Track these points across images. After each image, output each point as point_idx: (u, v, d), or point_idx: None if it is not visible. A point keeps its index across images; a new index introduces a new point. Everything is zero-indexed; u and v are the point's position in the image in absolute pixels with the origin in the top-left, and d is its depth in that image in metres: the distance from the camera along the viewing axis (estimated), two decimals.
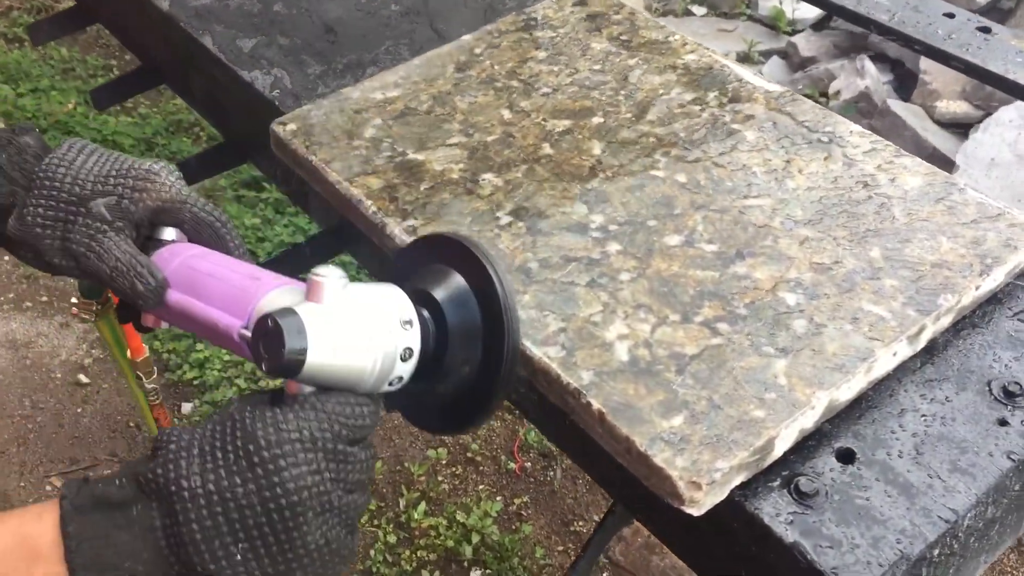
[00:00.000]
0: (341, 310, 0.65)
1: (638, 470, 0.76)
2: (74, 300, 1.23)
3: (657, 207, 0.94)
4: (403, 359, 0.68)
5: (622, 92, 1.08)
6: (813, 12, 3.48)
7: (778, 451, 0.76)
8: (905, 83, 3.12)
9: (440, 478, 2.54)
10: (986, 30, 1.25)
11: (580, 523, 2.42)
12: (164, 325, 0.83)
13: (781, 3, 3.52)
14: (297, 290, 0.69)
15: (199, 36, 1.26)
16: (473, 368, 0.71)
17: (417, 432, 2.65)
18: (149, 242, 0.82)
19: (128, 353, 1.28)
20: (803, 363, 0.79)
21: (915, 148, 2.70)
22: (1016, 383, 0.80)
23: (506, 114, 1.06)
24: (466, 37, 1.18)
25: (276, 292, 0.69)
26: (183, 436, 0.65)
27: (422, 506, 2.43)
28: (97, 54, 3.88)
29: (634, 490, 0.86)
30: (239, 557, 0.62)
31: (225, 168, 1.44)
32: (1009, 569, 2.33)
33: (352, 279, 0.68)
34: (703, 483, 0.72)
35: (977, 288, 0.85)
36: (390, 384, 0.68)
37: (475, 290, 0.71)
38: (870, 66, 3.06)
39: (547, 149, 1.02)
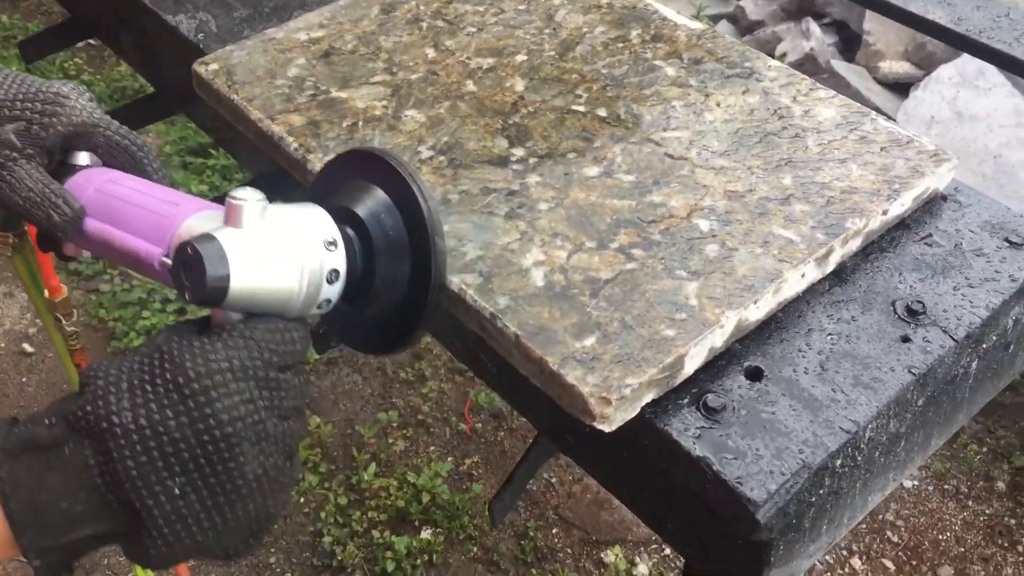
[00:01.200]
0: (262, 233, 0.63)
1: (551, 389, 0.77)
2: None
3: (577, 140, 0.95)
4: (329, 281, 0.66)
5: (546, 31, 1.08)
6: None
7: (688, 369, 0.78)
8: (849, 45, 3.16)
9: (391, 440, 2.54)
10: None
11: (530, 481, 2.44)
12: (86, 253, 0.82)
13: None
14: (217, 215, 0.66)
15: None
16: (402, 285, 0.69)
17: (368, 395, 2.65)
18: (62, 167, 0.79)
19: (45, 293, 1.24)
20: (714, 285, 0.81)
21: None
22: (919, 302, 0.82)
23: (430, 53, 1.06)
24: None
25: (195, 217, 0.67)
26: (110, 370, 0.63)
27: (372, 467, 2.43)
28: (39, 21, 3.80)
29: (556, 420, 0.87)
30: (177, 491, 0.60)
31: (157, 119, 1.43)
32: (948, 517, 2.39)
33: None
34: (613, 399, 0.73)
35: (884, 212, 0.87)
36: (318, 308, 0.67)
37: (398, 204, 0.69)
38: (815, 28, 3.08)
39: (470, 86, 1.02)
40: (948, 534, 2.33)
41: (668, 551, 2.31)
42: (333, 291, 0.66)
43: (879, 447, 0.81)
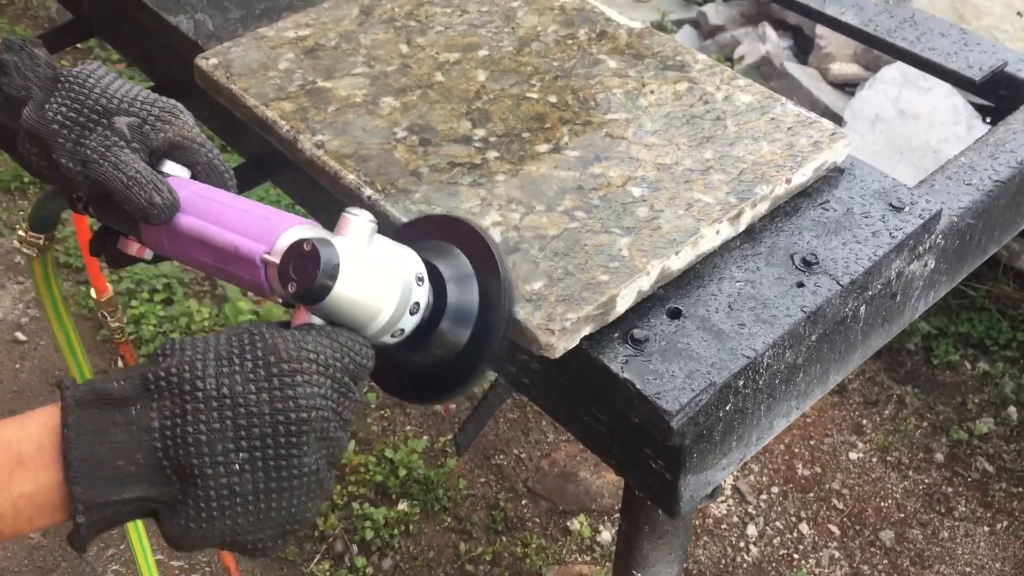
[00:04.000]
0: (368, 251, 0.68)
1: None
2: (20, 232, 1.28)
3: (531, 122, 1.10)
4: (411, 312, 0.71)
5: (505, 29, 1.24)
6: None
7: (620, 309, 0.93)
8: (803, 48, 3.34)
9: (369, 420, 2.69)
10: None
11: (501, 456, 2.60)
12: (148, 255, 0.85)
13: None
14: (318, 230, 0.72)
15: None
16: (458, 347, 0.74)
17: None
18: None
19: (93, 293, 1.33)
20: (643, 240, 0.96)
21: (809, 106, 2.91)
22: (813, 255, 0.98)
23: (404, 48, 1.21)
24: None
25: (300, 227, 0.72)
26: (197, 343, 0.65)
27: (352, 445, 2.58)
28: (26, 25, 3.92)
29: (513, 364, 1.02)
30: (236, 466, 0.62)
31: None
32: (890, 485, 2.56)
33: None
34: (555, 330, 0.88)
35: (788, 181, 1.03)
36: (392, 336, 0.71)
37: (479, 276, 0.75)
38: (771, 32, 3.26)
39: (439, 77, 1.17)
40: (890, 501, 2.50)
41: None
42: (410, 323, 0.71)
43: (778, 375, 0.97)
